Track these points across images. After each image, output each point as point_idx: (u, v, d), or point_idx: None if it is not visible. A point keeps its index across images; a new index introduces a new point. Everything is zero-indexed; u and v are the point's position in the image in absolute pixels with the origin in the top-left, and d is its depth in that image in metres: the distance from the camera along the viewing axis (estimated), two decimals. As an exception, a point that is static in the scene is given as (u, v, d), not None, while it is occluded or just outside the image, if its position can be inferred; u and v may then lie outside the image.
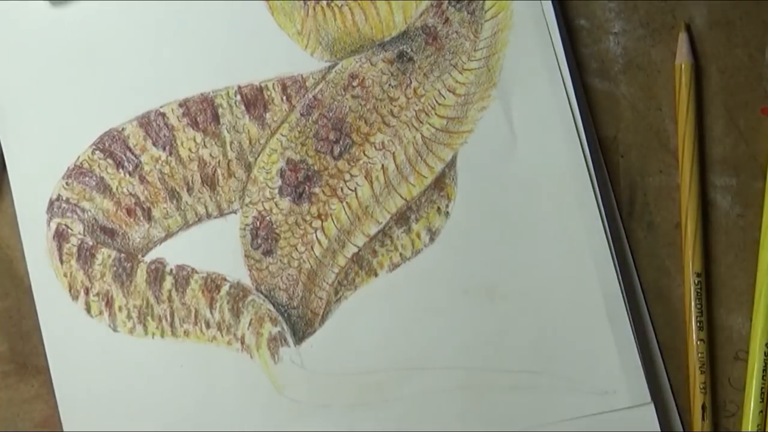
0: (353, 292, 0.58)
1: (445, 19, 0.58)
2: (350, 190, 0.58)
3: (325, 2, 0.58)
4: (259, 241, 0.58)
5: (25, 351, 0.59)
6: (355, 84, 0.58)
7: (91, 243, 0.58)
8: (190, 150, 0.58)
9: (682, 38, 0.60)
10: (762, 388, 0.58)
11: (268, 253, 0.58)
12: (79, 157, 0.58)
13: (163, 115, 0.58)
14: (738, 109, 0.61)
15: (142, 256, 0.58)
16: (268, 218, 0.58)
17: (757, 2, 0.61)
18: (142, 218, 0.58)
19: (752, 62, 0.61)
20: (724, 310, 0.61)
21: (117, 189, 0.58)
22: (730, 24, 0.61)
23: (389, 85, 0.58)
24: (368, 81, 0.58)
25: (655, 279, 0.60)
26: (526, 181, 0.58)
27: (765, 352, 0.59)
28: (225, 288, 0.58)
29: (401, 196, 0.58)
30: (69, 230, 0.58)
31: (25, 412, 0.59)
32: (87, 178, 0.58)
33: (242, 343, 0.58)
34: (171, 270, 0.58)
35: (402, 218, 0.58)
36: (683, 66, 0.60)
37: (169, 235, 0.58)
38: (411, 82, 0.58)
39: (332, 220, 0.58)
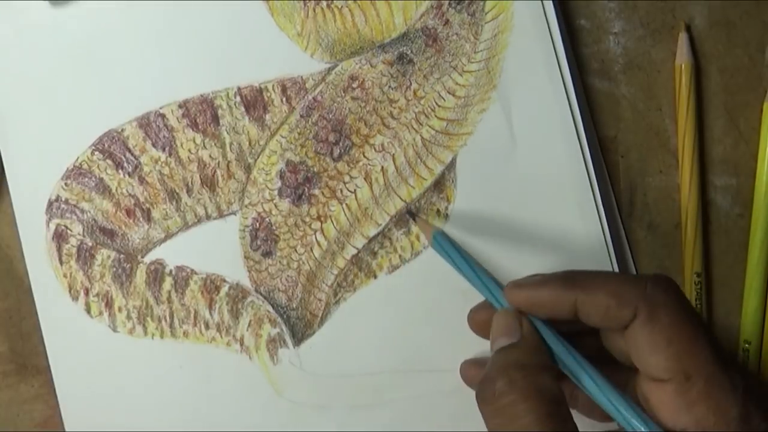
0: (352, 294, 0.58)
1: (446, 21, 0.58)
2: (350, 191, 0.58)
3: (325, 3, 0.58)
4: (259, 243, 0.58)
5: (25, 351, 0.59)
6: (354, 86, 0.58)
7: (90, 244, 0.58)
8: (189, 151, 0.58)
9: (682, 38, 0.60)
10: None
11: (267, 254, 0.58)
12: (78, 158, 0.58)
13: (163, 116, 0.58)
14: (738, 109, 0.61)
15: (142, 257, 0.58)
16: (267, 219, 0.58)
17: (757, 2, 0.61)
18: (141, 219, 0.58)
19: (752, 62, 0.61)
20: (724, 310, 0.61)
21: (116, 190, 0.58)
22: (730, 24, 0.61)
23: (389, 86, 0.58)
24: (368, 83, 0.58)
25: (654, 280, 0.60)
26: (526, 182, 0.58)
27: (743, 348, 0.60)
28: (224, 289, 0.58)
29: (401, 198, 0.58)
30: (68, 231, 0.58)
31: (25, 412, 0.59)
32: (86, 179, 0.58)
33: (241, 344, 0.58)
34: (170, 271, 0.58)
35: (401, 220, 0.58)
36: (683, 66, 0.59)
37: (168, 236, 0.58)
38: (411, 84, 0.58)
39: (332, 221, 0.58)
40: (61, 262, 0.57)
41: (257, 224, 0.58)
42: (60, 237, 0.58)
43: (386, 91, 0.58)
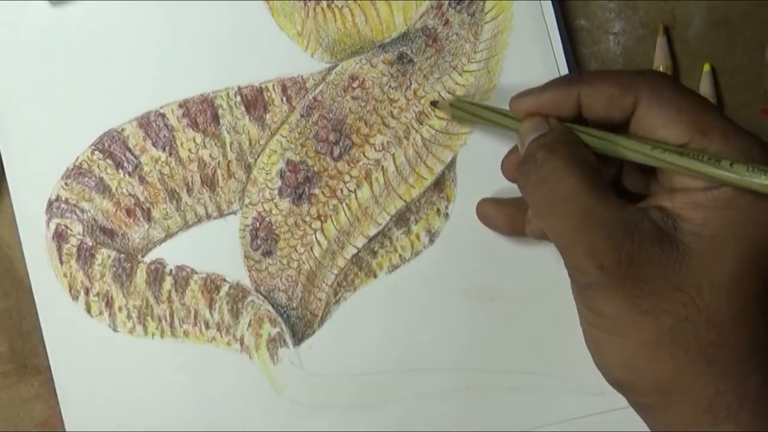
0: (352, 294, 0.58)
1: (446, 21, 0.58)
2: (350, 191, 0.58)
3: (325, 3, 0.58)
4: (259, 242, 0.58)
5: (25, 351, 0.59)
6: (355, 85, 0.58)
7: (90, 243, 0.58)
8: (189, 151, 0.58)
9: (660, 42, 0.60)
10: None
11: (267, 254, 0.58)
12: (78, 158, 0.58)
13: (163, 115, 0.58)
14: (738, 109, 0.61)
15: (142, 256, 0.58)
16: (267, 219, 0.58)
17: (757, 2, 0.61)
18: (141, 219, 0.58)
19: (752, 62, 0.61)
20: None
21: (116, 189, 0.58)
22: (730, 24, 0.61)
23: (389, 86, 0.58)
24: (368, 82, 0.58)
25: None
26: (526, 182, 0.58)
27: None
28: (224, 289, 0.58)
29: (401, 198, 0.58)
30: (68, 231, 0.58)
31: (25, 412, 0.59)
32: (86, 179, 0.58)
33: (241, 343, 0.58)
34: (171, 270, 0.58)
35: (401, 220, 0.58)
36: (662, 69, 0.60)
37: (168, 235, 0.58)
38: (411, 84, 0.58)
39: (332, 221, 0.58)
40: (61, 262, 0.57)
41: (257, 224, 0.58)
42: (60, 237, 0.58)
43: (386, 90, 0.58)
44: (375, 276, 0.58)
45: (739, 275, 0.44)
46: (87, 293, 0.58)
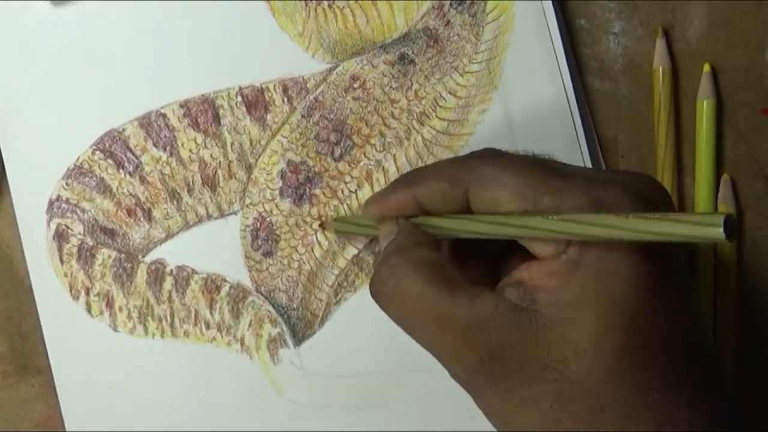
0: (353, 294, 0.58)
1: (447, 22, 0.58)
2: (351, 191, 0.58)
3: (326, 4, 0.58)
4: (260, 243, 0.58)
5: (25, 351, 0.59)
6: (356, 86, 0.58)
7: (91, 243, 0.58)
8: (190, 151, 0.58)
9: (659, 45, 0.60)
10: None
11: (268, 254, 0.58)
12: (79, 158, 0.58)
13: (164, 115, 0.58)
14: (738, 109, 0.61)
15: (143, 256, 0.58)
16: (268, 219, 0.58)
17: (757, 2, 0.61)
18: (142, 219, 0.58)
19: (752, 62, 0.61)
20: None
21: (117, 189, 0.58)
22: (730, 24, 0.61)
23: (390, 87, 0.58)
24: (369, 83, 0.58)
25: (654, 280, 0.60)
26: (527, 183, 0.58)
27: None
28: (225, 289, 0.58)
29: (401, 198, 0.58)
30: (69, 230, 0.57)
31: (25, 412, 0.59)
32: (87, 179, 0.58)
33: (242, 344, 0.58)
34: (171, 270, 0.58)
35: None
36: (662, 70, 0.60)
37: (169, 235, 0.58)
38: (412, 84, 0.58)
39: (332, 221, 0.58)
40: (61, 262, 0.57)
41: (258, 224, 0.58)
42: (61, 236, 0.57)
43: (387, 91, 0.58)
44: (375, 276, 0.58)
45: (600, 334, 0.42)
46: (87, 293, 0.58)
